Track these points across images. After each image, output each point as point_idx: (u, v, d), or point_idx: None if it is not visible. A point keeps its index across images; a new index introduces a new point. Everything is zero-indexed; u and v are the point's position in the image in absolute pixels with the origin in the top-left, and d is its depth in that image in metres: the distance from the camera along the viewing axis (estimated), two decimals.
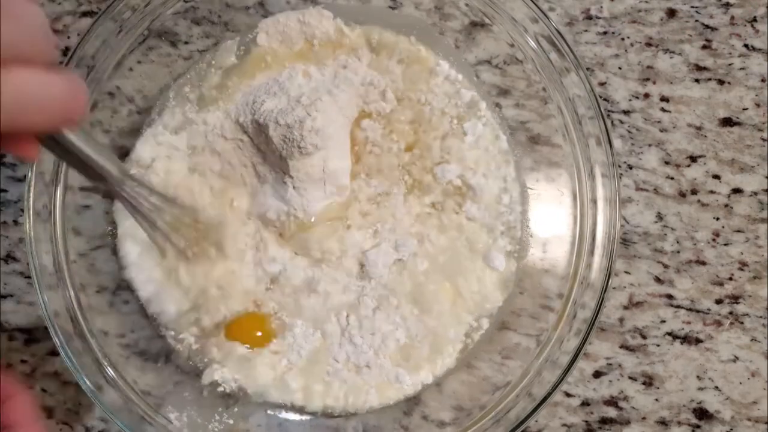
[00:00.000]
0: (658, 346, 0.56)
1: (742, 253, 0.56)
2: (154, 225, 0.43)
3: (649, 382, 0.55)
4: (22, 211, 0.56)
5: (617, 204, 0.50)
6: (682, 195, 0.56)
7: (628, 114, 0.56)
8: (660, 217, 0.56)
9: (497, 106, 0.54)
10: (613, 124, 0.56)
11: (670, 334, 0.56)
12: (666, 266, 0.56)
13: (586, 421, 0.55)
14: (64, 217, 0.50)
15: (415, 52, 0.54)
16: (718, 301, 0.56)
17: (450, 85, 0.54)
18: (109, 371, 0.49)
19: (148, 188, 0.42)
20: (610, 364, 0.56)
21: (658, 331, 0.56)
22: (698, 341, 0.56)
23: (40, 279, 0.48)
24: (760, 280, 0.56)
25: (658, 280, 0.56)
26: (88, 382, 0.47)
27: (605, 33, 0.57)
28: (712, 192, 0.56)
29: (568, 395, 0.56)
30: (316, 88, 0.51)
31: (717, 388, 0.56)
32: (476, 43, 0.55)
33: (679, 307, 0.56)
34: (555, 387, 0.48)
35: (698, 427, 0.55)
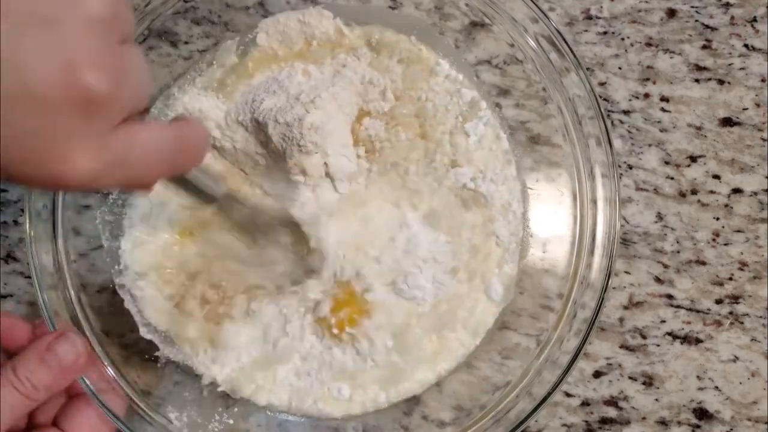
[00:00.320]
0: (658, 346, 0.56)
1: (742, 253, 0.56)
2: (255, 228, 0.48)
3: (649, 382, 0.56)
4: (22, 211, 0.56)
5: (617, 204, 0.50)
6: (682, 195, 0.56)
7: (628, 114, 0.56)
8: (660, 217, 0.56)
9: (497, 106, 0.54)
10: (613, 124, 0.56)
11: (670, 334, 0.56)
12: (666, 266, 0.56)
13: (586, 421, 0.55)
14: (64, 217, 0.50)
15: (415, 52, 0.54)
16: (718, 301, 0.56)
17: (450, 84, 0.54)
18: (109, 371, 0.49)
19: (241, 202, 0.47)
20: (610, 364, 0.56)
21: (658, 331, 0.56)
22: (698, 341, 0.56)
23: (40, 279, 0.48)
24: (760, 280, 0.56)
25: (658, 280, 0.56)
26: (88, 382, 0.47)
27: (605, 33, 0.57)
28: (712, 192, 0.56)
29: (568, 395, 0.56)
30: (316, 86, 0.51)
31: (717, 388, 0.56)
32: (476, 43, 0.55)
33: (679, 307, 0.56)
34: (555, 387, 0.48)
35: (698, 427, 0.55)
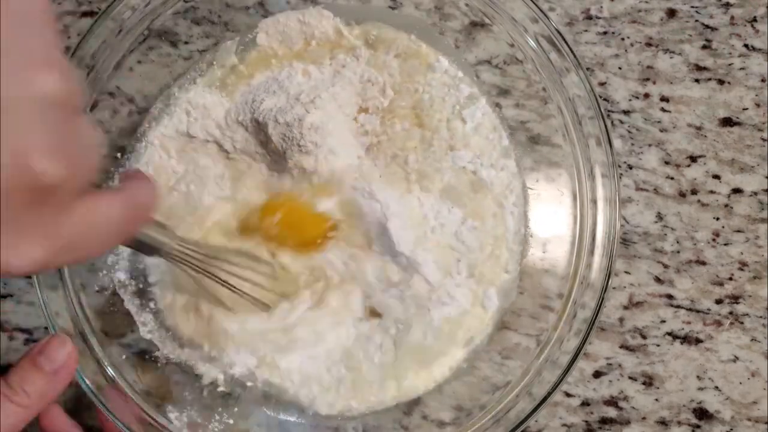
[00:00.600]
0: (658, 346, 0.56)
1: (742, 253, 0.56)
2: (209, 277, 0.46)
3: (649, 382, 0.56)
4: None
5: (617, 204, 0.50)
6: (682, 195, 0.56)
7: (628, 114, 0.56)
8: (660, 217, 0.56)
9: (497, 106, 0.54)
10: (613, 124, 0.56)
11: (670, 334, 0.56)
12: (666, 266, 0.56)
13: (586, 421, 0.55)
14: None
15: (414, 48, 0.54)
16: (718, 301, 0.56)
17: (449, 79, 0.54)
18: (109, 371, 0.49)
19: (195, 247, 0.45)
20: (610, 364, 0.56)
21: (658, 331, 0.56)
22: (698, 341, 0.56)
23: (40, 279, 0.48)
24: (760, 280, 0.56)
25: (658, 280, 0.56)
26: (88, 382, 0.48)
27: (605, 33, 0.57)
28: (712, 192, 0.56)
29: (568, 395, 0.56)
30: (316, 86, 0.51)
31: (717, 388, 0.56)
32: (476, 43, 0.55)
33: (679, 307, 0.56)
34: (555, 387, 0.48)
35: (698, 427, 0.55)
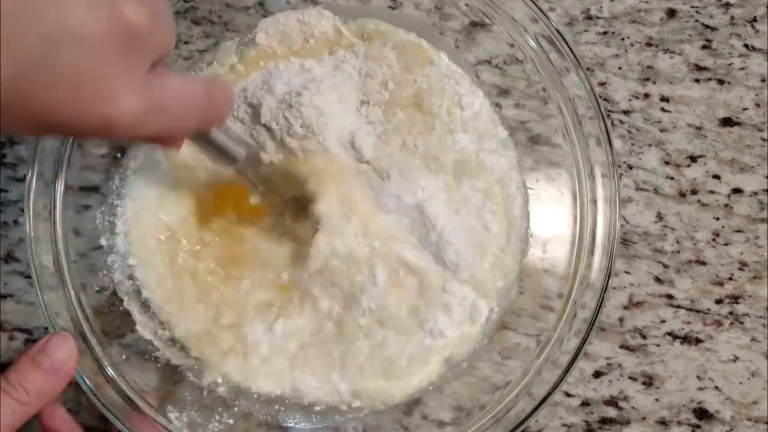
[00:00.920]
0: (658, 346, 0.56)
1: (742, 253, 0.56)
2: (273, 191, 0.50)
3: (649, 382, 0.56)
4: (22, 211, 0.56)
5: (617, 204, 0.50)
6: (682, 195, 0.56)
7: (628, 114, 0.56)
8: (660, 217, 0.56)
9: (497, 106, 0.54)
10: (613, 124, 0.56)
11: (670, 334, 0.56)
12: (666, 266, 0.56)
13: (586, 421, 0.55)
14: (64, 217, 0.50)
15: (414, 42, 0.54)
16: (718, 301, 0.56)
17: (449, 72, 0.53)
18: (109, 371, 0.49)
19: (262, 162, 0.49)
20: (610, 364, 0.56)
21: (658, 331, 0.56)
22: (698, 341, 0.56)
23: (40, 279, 0.48)
24: (760, 280, 0.56)
25: (658, 280, 0.56)
26: (88, 382, 0.47)
27: (605, 33, 0.57)
28: (712, 192, 0.56)
29: (568, 395, 0.56)
30: (314, 77, 0.51)
31: (717, 388, 0.56)
32: (476, 43, 0.55)
33: (679, 307, 0.56)
34: (555, 387, 0.48)
35: (698, 427, 0.55)
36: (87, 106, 0.30)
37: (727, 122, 0.56)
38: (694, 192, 0.56)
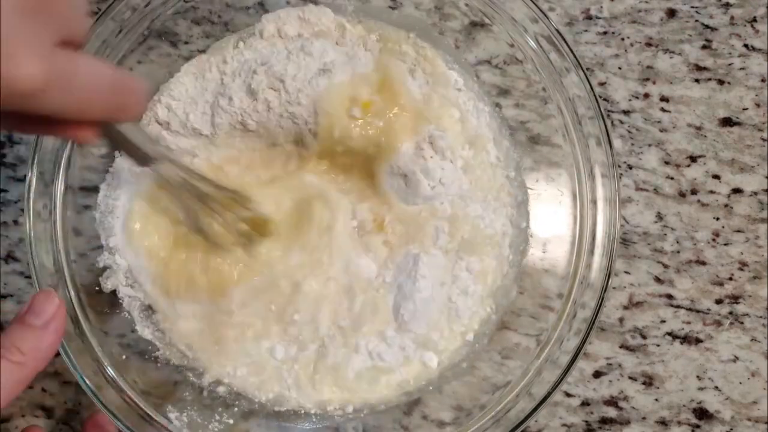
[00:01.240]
0: (658, 346, 0.56)
1: (742, 253, 0.56)
2: (194, 205, 0.46)
3: (649, 382, 0.55)
4: (22, 211, 0.56)
5: (617, 204, 0.50)
6: (682, 195, 0.56)
7: (628, 114, 0.56)
8: (660, 217, 0.56)
9: (497, 106, 0.54)
10: (613, 124, 0.56)
11: (670, 334, 0.56)
12: (666, 266, 0.56)
13: (586, 421, 0.55)
14: (64, 217, 0.50)
15: (420, 52, 0.54)
16: (718, 301, 0.56)
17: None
18: (109, 371, 0.49)
19: (187, 168, 0.46)
20: (610, 364, 0.56)
21: (658, 331, 0.56)
22: (698, 341, 0.56)
23: (40, 279, 0.48)
24: (760, 280, 0.56)
25: (658, 280, 0.56)
26: (88, 382, 0.47)
27: (605, 33, 0.57)
28: (712, 192, 0.56)
29: (568, 395, 0.56)
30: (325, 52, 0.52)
31: (717, 388, 0.56)
32: (476, 43, 0.55)
33: (679, 307, 0.56)
34: (555, 387, 0.48)
35: (698, 427, 0.55)
36: None
37: (727, 122, 0.56)
38: (694, 192, 0.56)
